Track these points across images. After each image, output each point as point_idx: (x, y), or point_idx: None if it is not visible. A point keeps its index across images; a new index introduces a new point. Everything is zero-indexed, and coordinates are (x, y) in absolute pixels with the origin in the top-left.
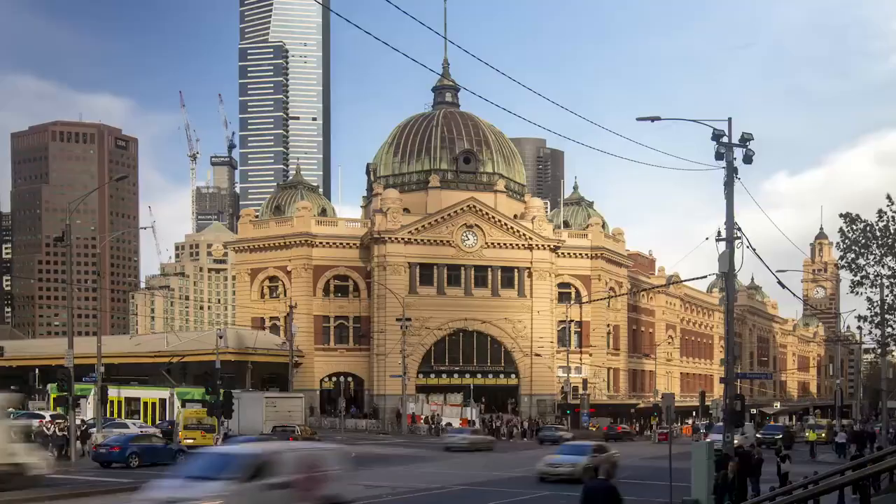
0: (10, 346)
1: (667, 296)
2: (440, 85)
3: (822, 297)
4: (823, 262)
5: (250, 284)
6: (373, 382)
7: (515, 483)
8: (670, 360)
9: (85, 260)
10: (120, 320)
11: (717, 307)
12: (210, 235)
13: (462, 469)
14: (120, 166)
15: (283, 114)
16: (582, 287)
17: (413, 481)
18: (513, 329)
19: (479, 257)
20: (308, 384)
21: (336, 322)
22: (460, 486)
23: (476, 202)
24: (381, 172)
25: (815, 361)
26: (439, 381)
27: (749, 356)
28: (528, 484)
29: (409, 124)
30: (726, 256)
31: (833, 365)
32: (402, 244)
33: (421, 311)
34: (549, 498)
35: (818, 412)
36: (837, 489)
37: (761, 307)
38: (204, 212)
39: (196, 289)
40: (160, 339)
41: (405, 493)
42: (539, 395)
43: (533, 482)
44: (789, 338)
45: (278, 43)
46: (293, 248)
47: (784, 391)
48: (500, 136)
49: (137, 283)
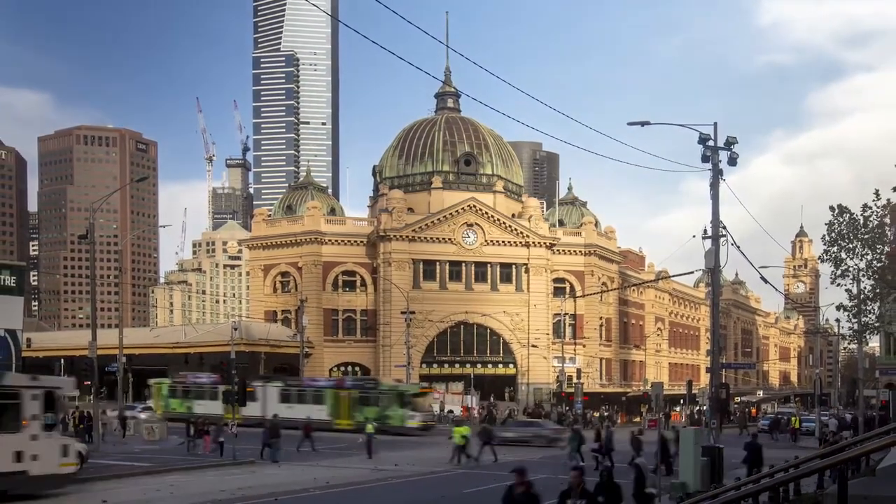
0: (36, 337)
1: (656, 290)
2: (442, 91)
3: (801, 292)
4: (803, 259)
5: (263, 279)
6: (379, 372)
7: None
8: (659, 350)
9: (107, 256)
10: (140, 313)
11: (703, 301)
12: (225, 233)
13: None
14: (140, 168)
15: (294, 119)
16: (576, 282)
17: (419, 465)
18: (511, 322)
19: (479, 254)
20: (318, 373)
21: (344, 315)
22: (463, 469)
23: (476, 202)
24: (386, 174)
25: (796, 352)
26: (441, 370)
27: (733, 347)
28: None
29: (413, 128)
30: (712, 253)
31: (812, 355)
32: (406, 242)
33: (424, 305)
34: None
35: (798, 399)
36: (817, 472)
37: (745, 301)
38: (220, 211)
39: (212, 284)
40: (178, 331)
41: (410, 476)
42: (535, 384)
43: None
44: (771, 330)
45: (290, 52)
46: (304, 246)
47: (766, 380)
48: (498, 140)
49: (157, 278)
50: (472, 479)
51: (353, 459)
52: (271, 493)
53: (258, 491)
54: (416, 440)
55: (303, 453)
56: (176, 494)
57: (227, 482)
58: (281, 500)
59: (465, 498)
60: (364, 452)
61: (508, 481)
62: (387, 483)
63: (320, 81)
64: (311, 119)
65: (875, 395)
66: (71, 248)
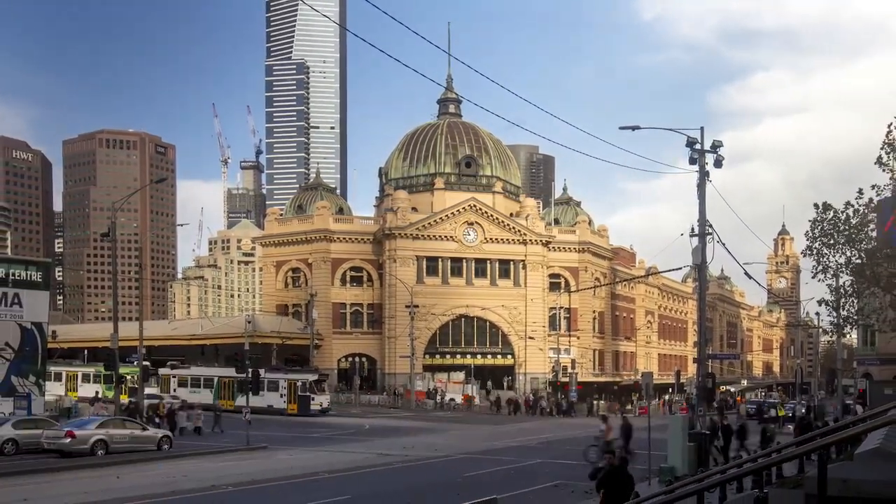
0: (61, 330)
1: (646, 285)
2: (444, 97)
3: (783, 287)
4: (785, 256)
5: (275, 275)
6: (384, 362)
7: (514, 451)
8: (649, 342)
9: (128, 253)
10: (159, 307)
11: (690, 295)
12: (240, 231)
13: (462, 441)
14: (159, 170)
15: (304, 123)
16: (570, 277)
17: (422, 450)
18: (509, 315)
19: (479, 251)
20: (327, 364)
21: (352, 308)
22: (462, 454)
23: (476, 202)
24: (391, 175)
25: (778, 343)
26: (443, 361)
27: (719, 339)
28: (521, 452)
29: (417, 132)
30: (699, 250)
31: (794, 346)
32: (410, 239)
33: (427, 299)
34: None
35: (780, 388)
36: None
37: (730, 295)
38: (234, 210)
39: (227, 279)
40: (195, 323)
41: (415, 461)
42: (532, 373)
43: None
44: (755, 323)
45: (300, 60)
46: (313, 243)
47: (750, 370)
48: (497, 143)
49: (175, 273)
50: (471, 464)
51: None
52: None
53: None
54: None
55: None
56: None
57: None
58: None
59: (465, 480)
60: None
61: (507, 465)
62: (391, 467)
63: (329, 88)
64: (321, 124)
65: (853, 383)
66: (94, 246)
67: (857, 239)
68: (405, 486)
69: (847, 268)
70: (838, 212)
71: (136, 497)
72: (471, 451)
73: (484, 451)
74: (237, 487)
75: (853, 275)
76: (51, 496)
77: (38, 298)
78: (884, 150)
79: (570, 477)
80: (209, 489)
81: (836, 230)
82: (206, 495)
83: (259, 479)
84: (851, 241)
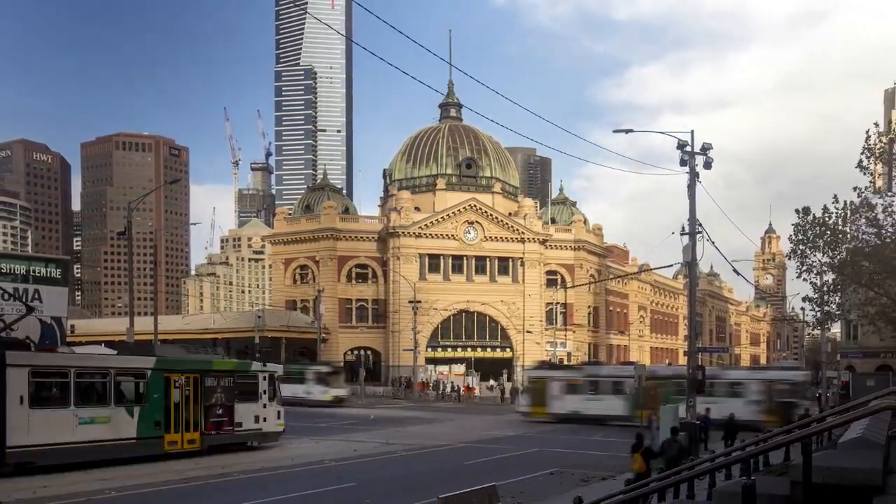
0: (79, 324)
1: (639, 282)
2: (446, 102)
3: (770, 283)
4: (772, 253)
5: (284, 272)
6: (389, 355)
7: (513, 440)
8: (642, 336)
9: (143, 251)
10: (173, 302)
11: (681, 291)
12: (250, 230)
13: (463, 431)
14: (173, 171)
15: (312, 127)
16: (566, 274)
17: (425, 439)
18: (508, 310)
19: (479, 249)
20: (333, 356)
21: (357, 304)
22: (463, 443)
23: (476, 202)
24: (395, 176)
25: (765, 337)
26: (445, 353)
27: (709, 333)
28: (519, 441)
29: (419, 135)
30: (689, 248)
31: (780, 340)
32: (413, 238)
33: (429, 295)
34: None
35: None
36: (784, 446)
37: (719, 291)
38: (245, 210)
39: (238, 275)
40: (207, 318)
41: (417, 449)
42: (530, 366)
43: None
44: (743, 317)
45: (308, 67)
46: (321, 241)
47: (738, 363)
48: (496, 146)
49: (188, 270)
50: (472, 453)
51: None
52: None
53: (280, 463)
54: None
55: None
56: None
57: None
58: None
59: (466, 468)
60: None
61: (507, 454)
62: (395, 455)
63: (336, 93)
64: (328, 127)
65: (836, 375)
66: (110, 244)
67: (839, 241)
68: (408, 473)
69: (830, 267)
70: (818, 218)
71: (123, 488)
72: (471, 441)
73: (484, 440)
74: (247, 475)
75: (835, 272)
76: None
77: (57, 294)
78: (864, 155)
79: (566, 465)
80: (218, 477)
81: (818, 235)
82: (219, 483)
83: (268, 467)
84: (832, 244)
